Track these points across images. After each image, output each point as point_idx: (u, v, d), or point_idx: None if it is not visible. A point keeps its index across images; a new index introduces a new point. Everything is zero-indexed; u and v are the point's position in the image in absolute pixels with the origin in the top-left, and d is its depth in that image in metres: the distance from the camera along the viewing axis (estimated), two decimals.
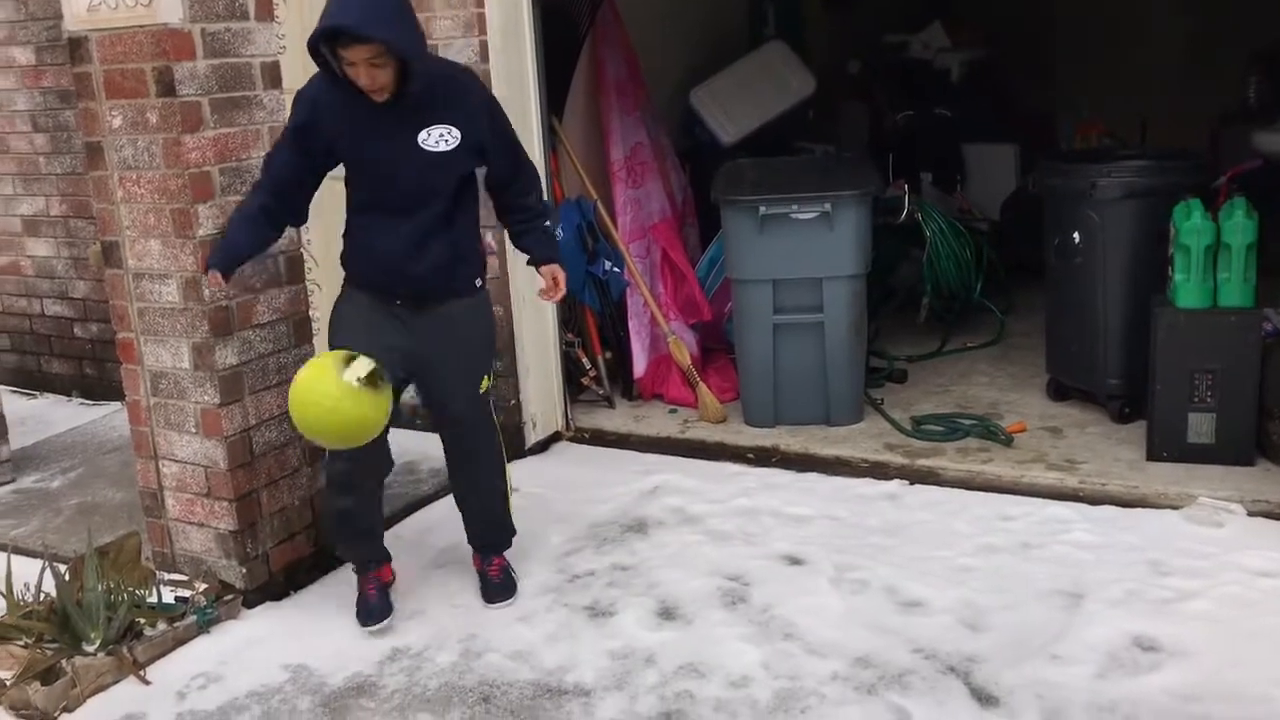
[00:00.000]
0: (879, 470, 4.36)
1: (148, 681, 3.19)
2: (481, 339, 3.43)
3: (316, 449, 3.74)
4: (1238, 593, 3.28)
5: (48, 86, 5.47)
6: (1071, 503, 3.95)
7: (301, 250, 3.68)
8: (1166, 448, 4.18)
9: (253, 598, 3.56)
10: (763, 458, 4.57)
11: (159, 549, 3.70)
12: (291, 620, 3.51)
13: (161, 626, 3.34)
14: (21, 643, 3.21)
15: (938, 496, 4.10)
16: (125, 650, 3.21)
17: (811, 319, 4.71)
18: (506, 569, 3.57)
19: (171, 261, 3.38)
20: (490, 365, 3.48)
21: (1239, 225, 4.00)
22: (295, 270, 3.63)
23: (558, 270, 3.48)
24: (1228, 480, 3.99)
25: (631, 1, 5.64)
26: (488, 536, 3.58)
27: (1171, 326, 4.11)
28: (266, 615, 3.54)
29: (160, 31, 3.23)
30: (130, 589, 3.35)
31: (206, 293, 3.35)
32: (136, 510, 3.87)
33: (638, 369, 5.22)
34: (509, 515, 3.61)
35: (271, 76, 3.51)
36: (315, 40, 3.00)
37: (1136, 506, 3.89)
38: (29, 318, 5.95)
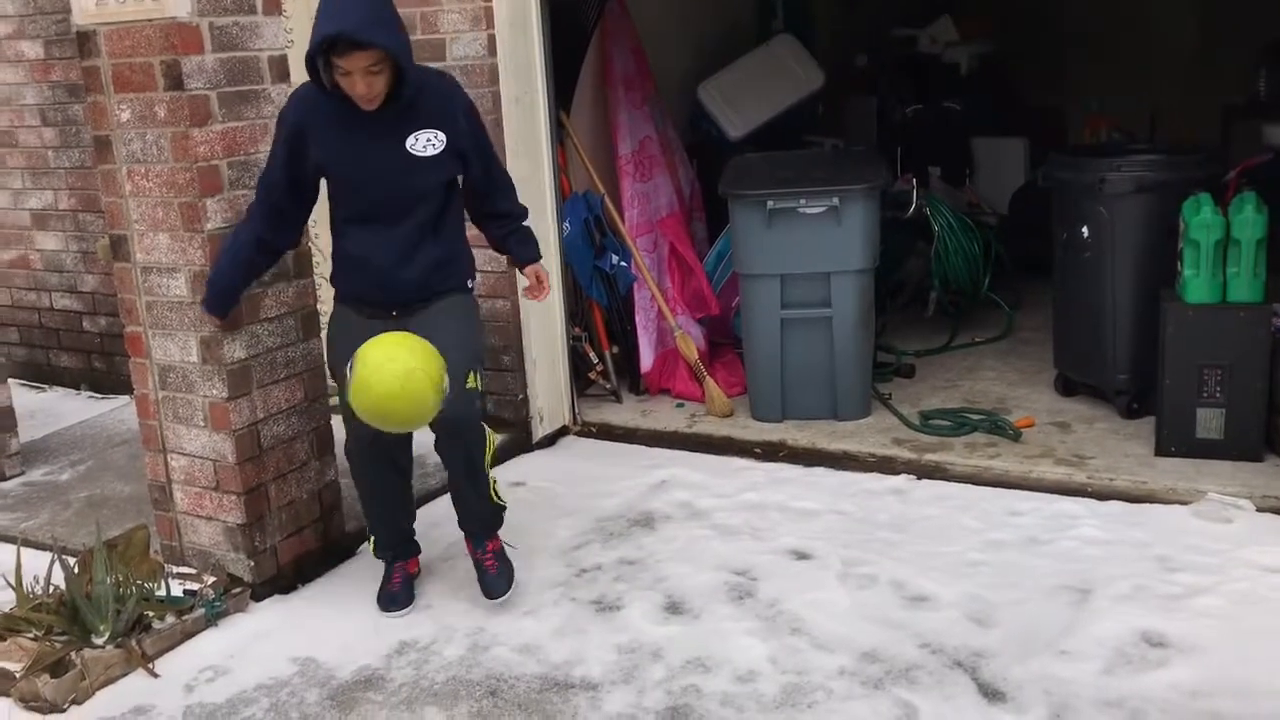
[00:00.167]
0: (886, 465, 4.36)
1: (156, 674, 3.20)
2: (467, 330, 3.36)
3: (325, 442, 3.75)
4: (1246, 589, 3.27)
5: (56, 80, 5.48)
6: (1079, 498, 3.95)
7: (309, 245, 3.68)
8: (1175, 443, 4.17)
9: (261, 591, 3.57)
10: (770, 452, 4.57)
11: (167, 542, 3.71)
12: (299, 614, 3.52)
13: (170, 619, 3.34)
14: (31, 635, 3.22)
15: (945, 491, 4.09)
16: (134, 643, 3.22)
17: (819, 314, 4.70)
18: (500, 553, 3.49)
19: (180, 255, 3.39)
20: (477, 362, 3.37)
21: (1249, 220, 3.99)
22: (303, 265, 3.63)
23: (540, 269, 3.53)
24: (1236, 476, 3.98)
25: None
26: (476, 521, 3.50)
27: (1180, 322, 4.10)
28: (274, 608, 3.54)
29: (168, 25, 3.24)
30: (139, 582, 3.35)
31: None
32: (145, 503, 3.88)
33: (645, 363, 5.22)
34: (498, 499, 3.52)
35: (279, 70, 3.51)
36: (315, 50, 2.98)
37: (1145, 502, 3.89)
38: (38, 311, 5.97)
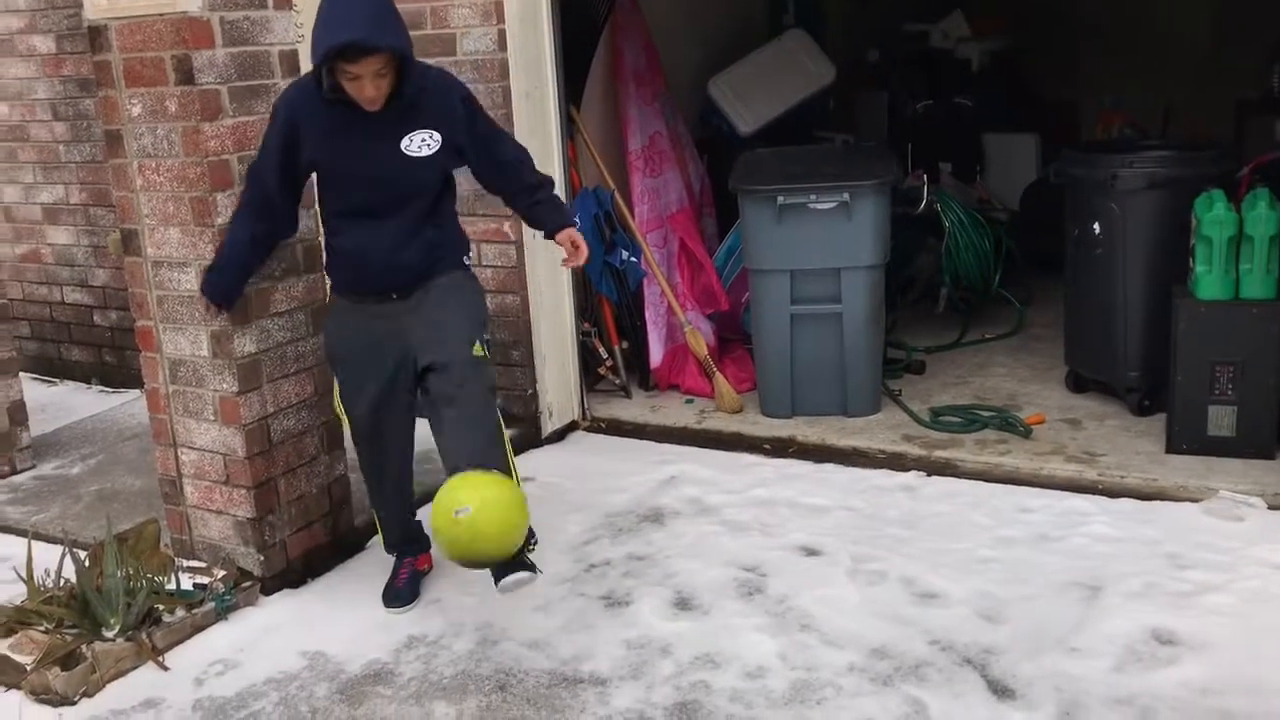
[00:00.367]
0: (896, 461, 4.35)
1: (166, 667, 3.21)
2: (468, 300, 3.31)
3: (334, 437, 3.76)
4: (1257, 587, 3.26)
5: (68, 75, 5.49)
6: (1090, 495, 3.93)
7: (319, 239, 3.68)
8: (1186, 440, 4.15)
9: (270, 585, 3.58)
10: (779, 448, 4.57)
11: (178, 536, 3.72)
12: (309, 608, 3.53)
13: (180, 613, 3.35)
14: (42, 628, 3.23)
15: (956, 488, 4.08)
16: (144, 636, 3.23)
17: (829, 309, 4.69)
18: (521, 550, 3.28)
19: (190, 249, 3.39)
20: (481, 331, 3.24)
21: (1262, 216, 3.97)
22: (313, 259, 3.63)
23: (573, 234, 3.41)
24: (1248, 474, 3.97)
25: None
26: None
27: (1192, 318, 4.09)
28: (284, 602, 3.55)
29: (179, 20, 3.24)
30: (149, 575, 3.36)
31: None
32: (155, 497, 3.89)
33: (654, 359, 5.22)
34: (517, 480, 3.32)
35: (289, 65, 3.52)
36: (327, 58, 2.95)
37: (1155, 499, 3.87)
38: (49, 305, 5.98)
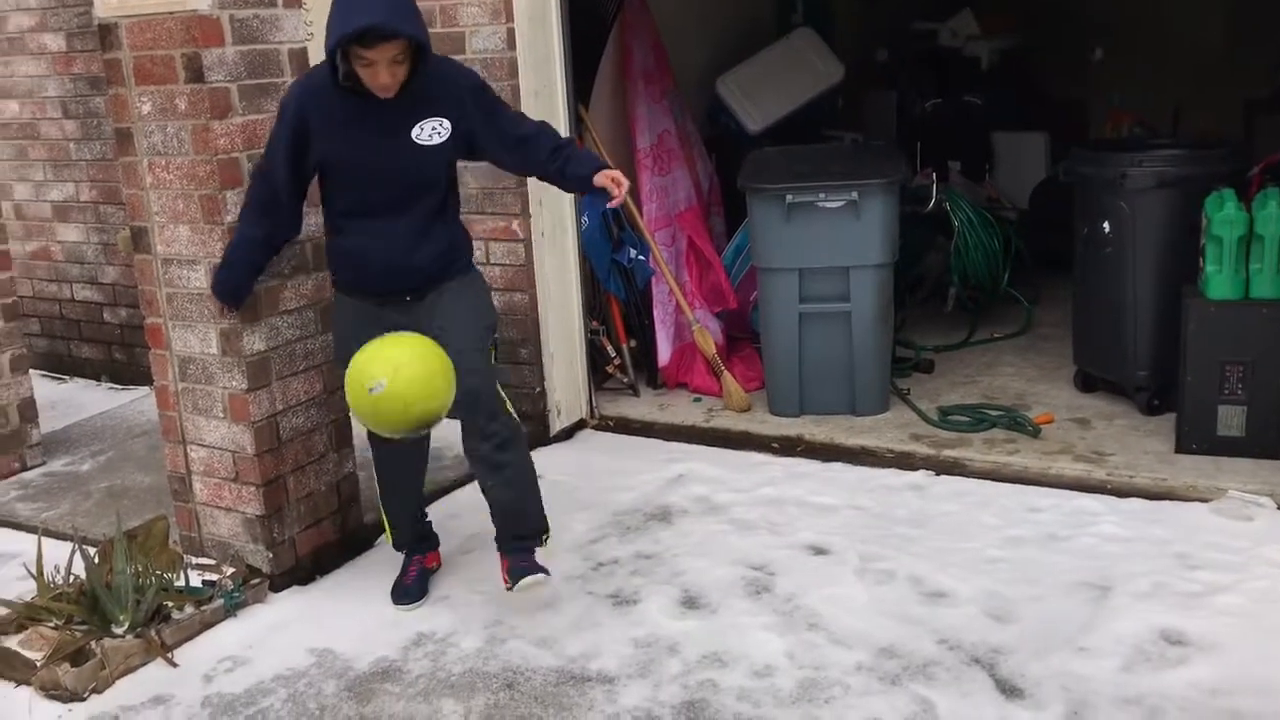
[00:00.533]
0: (905, 460, 4.34)
1: (175, 664, 3.22)
2: (480, 305, 3.33)
3: (343, 435, 3.77)
4: (1267, 587, 3.25)
5: (78, 73, 5.51)
6: (1099, 495, 3.93)
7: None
8: (1196, 440, 4.14)
9: (279, 582, 3.59)
10: (788, 447, 4.56)
11: (187, 533, 3.73)
12: (317, 605, 3.53)
13: (189, 610, 3.36)
14: (52, 624, 3.24)
15: (964, 487, 4.07)
16: (153, 633, 3.24)
17: (838, 308, 4.69)
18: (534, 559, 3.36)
19: (200, 247, 3.40)
20: (491, 334, 3.32)
21: (1272, 216, 3.95)
22: (322, 258, 3.63)
23: (609, 173, 3.28)
24: (1258, 473, 3.95)
25: None
26: (513, 527, 3.35)
27: (1202, 318, 4.07)
28: (293, 600, 3.56)
29: (189, 18, 3.25)
30: (158, 572, 3.37)
31: None
32: (164, 494, 3.90)
33: (662, 357, 5.22)
34: (538, 502, 3.39)
35: (299, 63, 3.52)
36: (344, 42, 2.94)
37: (1165, 499, 3.87)
38: (59, 302, 6.00)
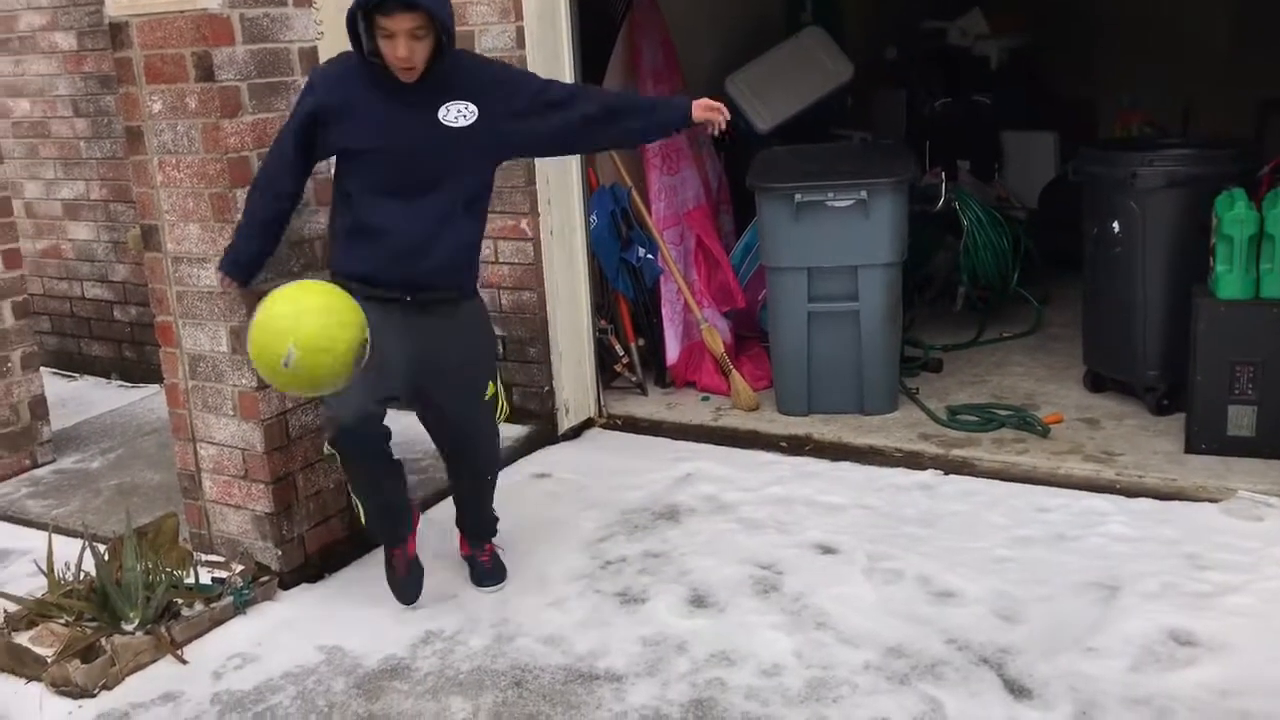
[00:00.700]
0: (913, 460, 4.34)
1: (185, 661, 3.23)
2: (488, 346, 3.39)
3: None
4: (1277, 588, 3.23)
5: (89, 71, 5.53)
6: (1108, 495, 3.92)
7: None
8: (1205, 440, 4.13)
9: (288, 579, 3.60)
10: (796, 446, 4.56)
11: (196, 530, 3.74)
12: (326, 602, 3.54)
13: (199, 607, 3.37)
14: (62, 621, 3.25)
15: (972, 487, 4.07)
16: (163, 630, 3.25)
17: (846, 307, 4.69)
18: (496, 554, 3.61)
19: (210, 245, 3.41)
20: (494, 373, 3.41)
21: None
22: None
23: (699, 105, 3.23)
24: (1268, 474, 3.94)
25: None
26: (481, 527, 3.62)
27: (1212, 318, 4.06)
28: (302, 597, 3.57)
29: (200, 17, 3.25)
30: (168, 569, 3.38)
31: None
32: (174, 492, 3.91)
33: (670, 356, 5.22)
34: (492, 507, 3.64)
35: (309, 62, 3.52)
36: (357, 8, 2.97)
37: (1174, 499, 3.85)
38: (69, 300, 6.02)
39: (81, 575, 3.37)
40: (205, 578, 3.49)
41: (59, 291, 6.04)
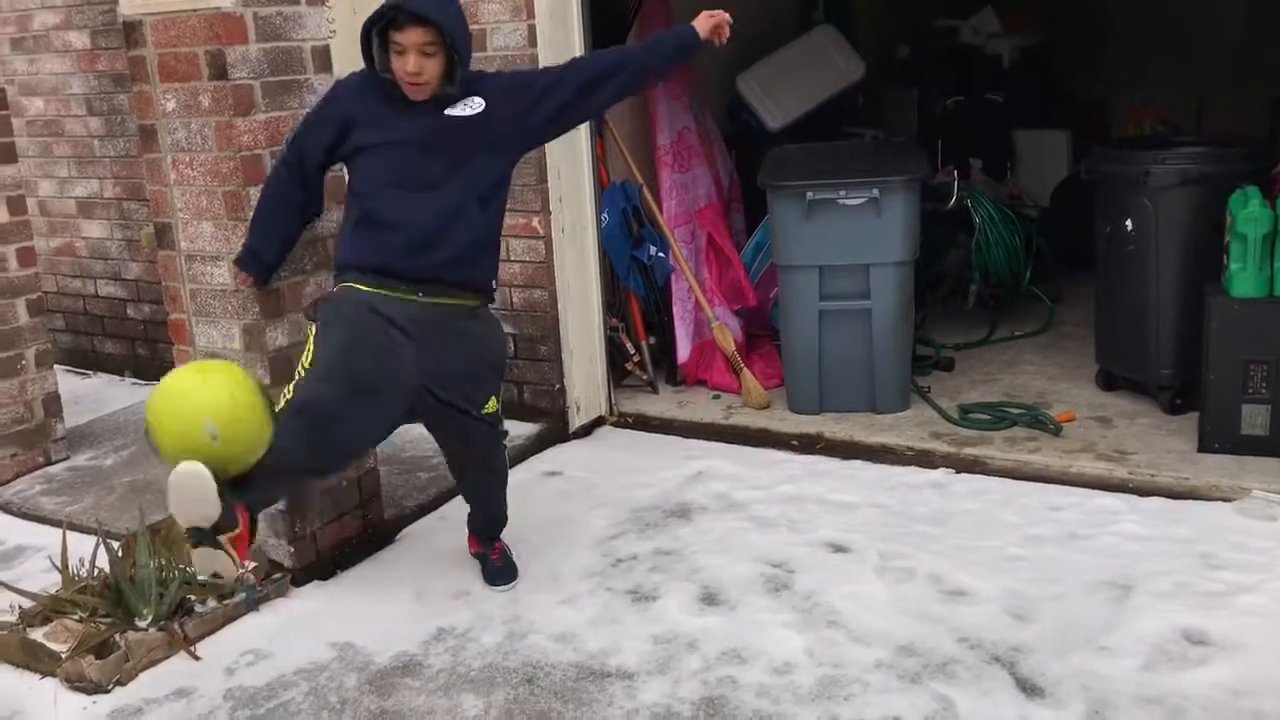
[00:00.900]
0: (925, 458, 4.33)
1: (198, 657, 3.24)
2: (498, 360, 3.38)
3: None
4: None
5: (102, 70, 5.55)
6: (1121, 494, 3.91)
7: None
8: (1219, 439, 4.12)
9: (301, 576, 3.60)
10: (807, 445, 4.56)
11: None
12: (338, 599, 3.55)
13: (211, 604, 3.38)
14: (76, 617, 3.26)
15: (984, 485, 4.06)
16: (176, 626, 3.26)
17: (858, 306, 4.68)
18: (506, 552, 3.61)
19: (223, 244, 3.42)
20: (500, 387, 3.41)
21: None
22: None
23: (699, 24, 3.28)
24: None
25: None
26: (490, 525, 3.62)
27: (1226, 316, 4.05)
28: (314, 594, 3.58)
29: (213, 15, 3.26)
30: (181, 566, 3.39)
31: None
32: None
33: (681, 354, 5.22)
34: (506, 505, 3.63)
35: (322, 60, 3.53)
36: (371, 23, 3.01)
37: (1187, 498, 3.84)
38: (83, 298, 6.05)
39: (95, 572, 3.39)
40: None
41: (73, 289, 6.07)
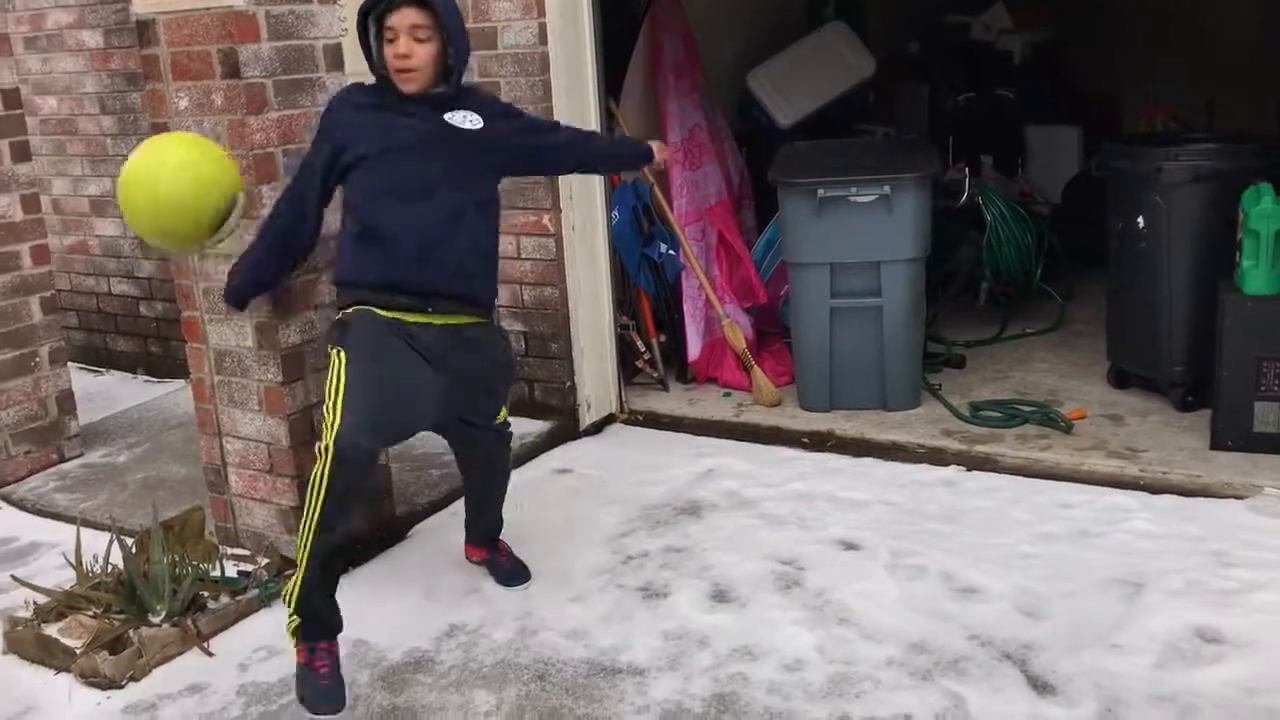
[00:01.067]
0: (936, 456, 4.33)
1: (211, 653, 3.26)
2: (508, 372, 3.38)
3: None
4: None
5: (115, 69, 5.57)
6: (1132, 491, 3.90)
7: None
8: (1231, 437, 4.11)
9: None
10: (818, 442, 4.56)
11: (222, 524, 3.77)
12: (350, 596, 3.51)
13: (224, 600, 3.40)
14: (91, 613, 3.28)
15: (996, 483, 4.06)
16: (189, 622, 3.28)
17: (869, 303, 4.68)
18: (512, 553, 3.61)
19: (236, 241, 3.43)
20: (508, 395, 3.43)
21: None
22: None
23: (650, 152, 3.66)
24: None
25: None
26: (491, 532, 3.60)
27: (1239, 313, 4.04)
28: None
29: (226, 14, 3.28)
30: (194, 563, 3.41)
31: None
32: (200, 485, 3.94)
33: (692, 352, 5.22)
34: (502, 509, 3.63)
35: (334, 59, 3.55)
36: (367, 9, 2.97)
37: (1199, 496, 3.83)
38: (96, 296, 6.08)
39: (109, 568, 3.40)
40: (231, 571, 3.52)
41: (86, 287, 6.09)
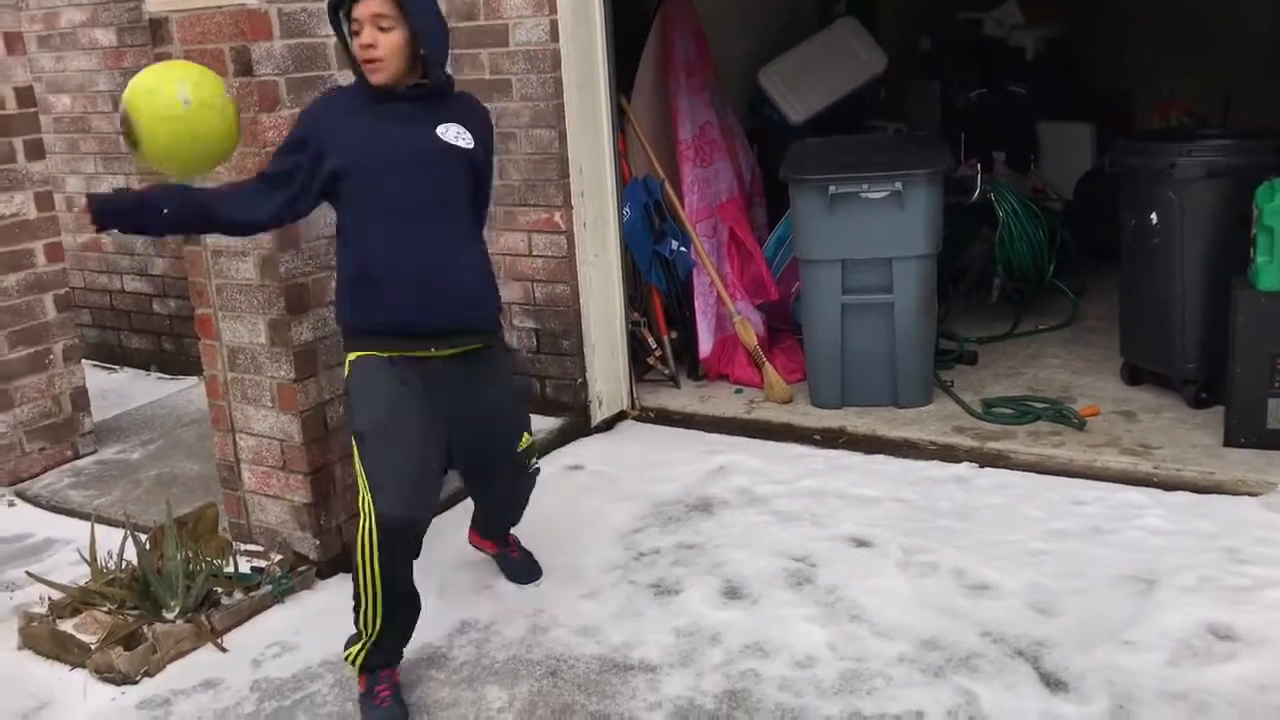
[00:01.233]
0: (948, 453, 4.32)
1: (224, 649, 3.27)
2: (521, 395, 3.30)
3: None
4: None
5: (128, 67, 5.58)
6: (1145, 488, 3.89)
7: None
8: (1245, 433, 4.09)
9: (326, 569, 3.63)
10: (830, 439, 4.55)
11: (235, 520, 3.78)
12: None
13: (238, 596, 3.41)
14: (105, 609, 3.30)
15: (1008, 480, 4.05)
16: (203, 618, 3.30)
17: (881, 299, 4.67)
18: (523, 548, 3.60)
19: (248, 239, 3.43)
20: (529, 420, 3.33)
21: None
22: None
23: None
24: None
25: None
26: (509, 527, 3.55)
27: (1252, 310, 4.02)
28: (340, 586, 3.56)
29: (238, 12, 3.29)
30: (208, 559, 3.43)
31: (283, 269, 3.41)
32: (213, 482, 3.96)
33: (703, 349, 5.22)
34: None
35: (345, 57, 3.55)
36: (336, 3, 2.85)
37: (1212, 493, 3.82)
38: (109, 294, 6.10)
39: (123, 564, 3.42)
40: (244, 567, 3.53)
41: (99, 285, 6.12)
